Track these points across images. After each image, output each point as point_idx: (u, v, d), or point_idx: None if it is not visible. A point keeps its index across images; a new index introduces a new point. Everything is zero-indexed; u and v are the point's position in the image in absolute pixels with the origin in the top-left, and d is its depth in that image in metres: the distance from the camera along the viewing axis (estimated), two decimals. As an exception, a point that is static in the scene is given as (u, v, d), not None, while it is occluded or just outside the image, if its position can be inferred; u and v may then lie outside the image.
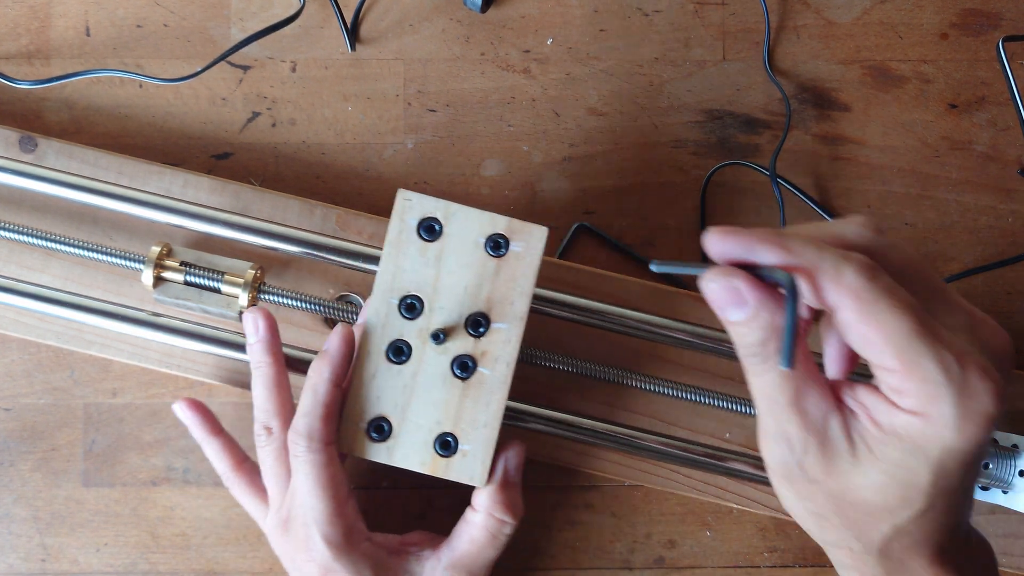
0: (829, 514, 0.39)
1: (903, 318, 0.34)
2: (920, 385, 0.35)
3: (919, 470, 0.36)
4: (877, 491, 0.37)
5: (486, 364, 0.49)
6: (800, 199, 0.62)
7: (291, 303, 0.54)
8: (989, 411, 0.35)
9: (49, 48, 0.61)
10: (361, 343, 0.49)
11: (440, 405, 0.49)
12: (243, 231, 0.54)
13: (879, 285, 0.35)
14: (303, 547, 0.50)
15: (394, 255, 0.49)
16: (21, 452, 0.59)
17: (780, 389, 0.37)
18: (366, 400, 0.49)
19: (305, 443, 0.49)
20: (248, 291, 0.54)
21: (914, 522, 0.37)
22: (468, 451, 0.48)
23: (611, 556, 0.60)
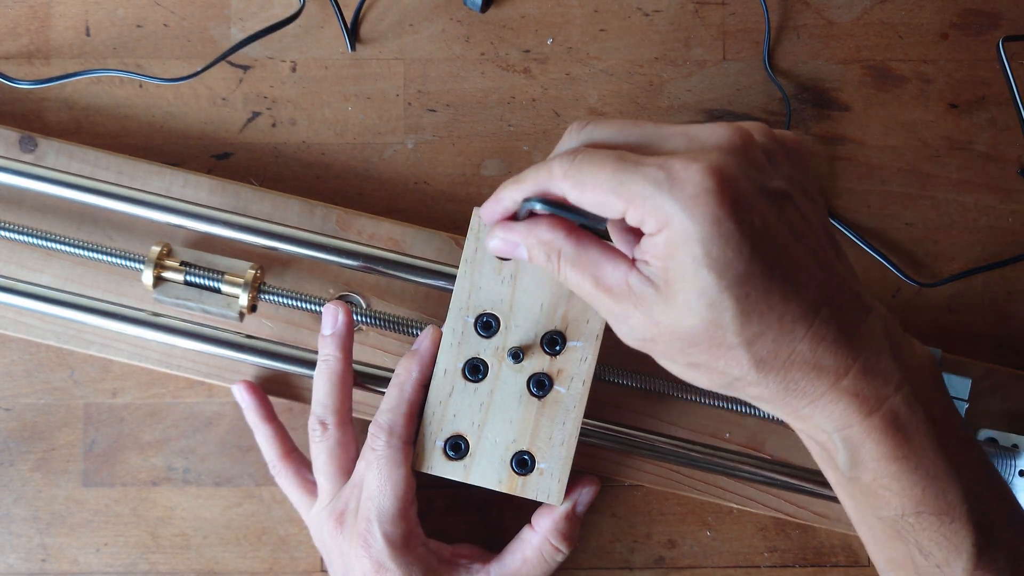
0: (695, 359, 0.39)
1: (603, 165, 0.38)
2: (643, 205, 0.37)
3: (698, 272, 0.37)
4: (692, 312, 0.37)
5: (562, 382, 0.49)
6: (800, 199, 0.62)
7: (291, 303, 0.54)
8: (706, 185, 0.36)
9: (49, 48, 0.61)
10: (438, 361, 0.49)
11: (516, 423, 0.49)
12: (243, 231, 0.54)
13: (580, 157, 0.39)
14: (360, 541, 0.50)
15: (469, 273, 0.49)
16: (21, 452, 0.59)
17: (583, 282, 0.41)
18: (443, 418, 0.49)
19: (385, 438, 0.49)
20: (248, 291, 0.54)
21: (745, 321, 0.37)
22: (544, 469, 0.49)
23: (611, 556, 0.60)
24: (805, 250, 0.38)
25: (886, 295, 0.61)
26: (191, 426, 0.59)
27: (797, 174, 0.40)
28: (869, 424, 0.38)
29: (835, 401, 0.38)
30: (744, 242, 0.36)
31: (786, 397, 0.39)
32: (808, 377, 0.38)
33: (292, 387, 0.58)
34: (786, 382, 0.38)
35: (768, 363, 0.38)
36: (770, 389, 0.39)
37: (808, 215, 0.39)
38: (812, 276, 0.38)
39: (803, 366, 0.38)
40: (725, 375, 0.39)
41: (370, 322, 0.54)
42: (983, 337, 0.61)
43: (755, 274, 0.36)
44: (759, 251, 0.36)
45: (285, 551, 0.59)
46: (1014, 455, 0.55)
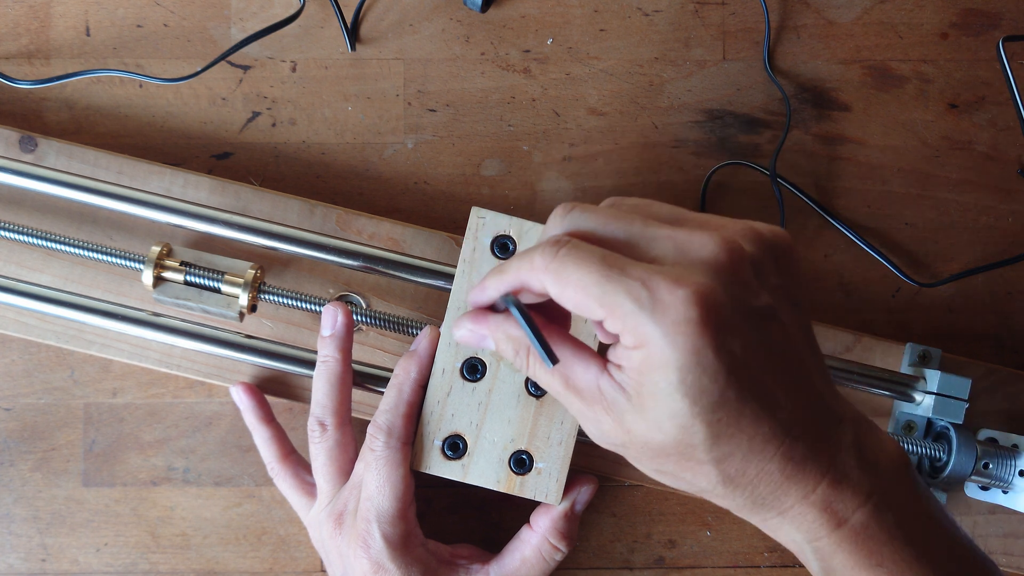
0: (663, 467, 0.39)
1: (589, 268, 0.37)
2: (623, 321, 0.36)
3: (672, 396, 0.36)
4: (662, 430, 0.37)
5: None
6: (800, 199, 0.62)
7: (291, 303, 0.54)
8: (689, 315, 0.35)
9: (49, 48, 0.61)
10: (436, 361, 0.49)
11: (515, 423, 0.49)
12: (243, 231, 0.54)
13: (563, 252, 0.37)
14: (359, 542, 0.50)
15: (468, 272, 0.49)
16: (21, 452, 0.59)
17: (552, 381, 0.40)
18: (441, 418, 0.49)
19: (384, 439, 0.49)
20: (248, 291, 0.53)
21: (715, 444, 0.37)
22: (543, 469, 0.49)
23: (611, 556, 0.60)
24: (782, 370, 0.38)
25: (886, 295, 0.61)
26: (191, 426, 0.59)
27: (785, 282, 0.39)
28: (839, 536, 0.39)
29: (803, 514, 0.39)
30: (721, 371, 0.36)
31: (754, 509, 0.39)
32: (776, 493, 0.38)
33: (291, 387, 0.58)
34: (754, 496, 0.39)
35: (736, 480, 0.38)
36: (737, 502, 0.39)
37: (791, 330, 0.39)
38: (786, 396, 0.38)
39: (771, 483, 0.38)
40: (693, 486, 0.40)
41: (370, 322, 0.54)
42: (983, 337, 0.61)
43: (729, 400, 0.36)
44: (734, 378, 0.36)
45: (285, 551, 0.59)
46: (1014, 455, 0.55)
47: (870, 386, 0.56)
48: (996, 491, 0.56)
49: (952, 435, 0.55)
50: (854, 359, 0.58)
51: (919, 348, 0.57)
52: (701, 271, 0.37)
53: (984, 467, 0.55)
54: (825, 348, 0.58)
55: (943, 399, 0.55)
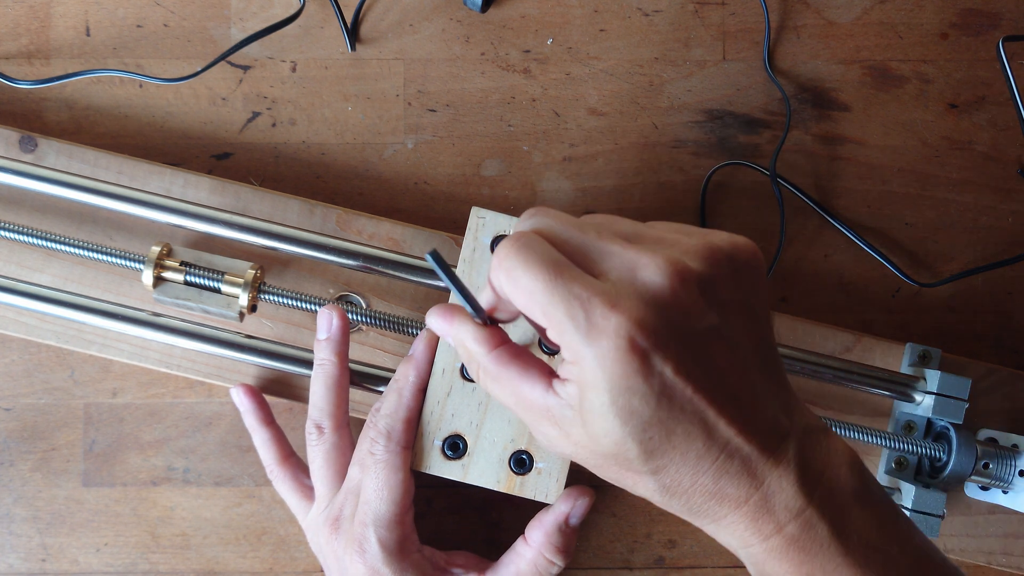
0: (610, 474, 0.41)
1: (537, 274, 0.38)
2: (561, 337, 0.38)
3: (605, 415, 0.38)
4: (598, 441, 0.39)
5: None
6: (800, 199, 0.62)
7: (291, 303, 0.54)
8: (618, 343, 0.37)
9: (49, 48, 0.61)
10: (436, 361, 0.49)
11: (514, 423, 0.49)
12: (243, 231, 0.54)
13: (520, 253, 0.38)
14: (355, 546, 0.50)
15: (468, 272, 0.49)
16: (21, 452, 0.59)
17: (503, 396, 0.42)
18: (441, 418, 0.49)
19: (384, 442, 0.49)
20: (248, 291, 0.53)
21: (648, 458, 0.39)
22: (543, 469, 0.49)
23: (611, 556, 0.60)
24: (720, 389, 0.39)
25: (886, 295, 0.61)
26: (191, 426, 0.59)
27: (741, 296, 0.40)
28: (769, 545, 0.40)
29: (735, 524, 0.40)
30: (650, 394, 0.37)
31: (692, 516, 0.41)
32: (710, 503, 0.40)
33: (292, 387, 0.58)
34: (690, 505, 0.40)
35: (672, 489, 0.40)
36: (675, 509, 0.41)
37: (740, 346, 0.40)
38: (721, 415, 0.39)
39: (705, 494, 0.40)
40: (636, 491, 0.41)
41: (370, 322, 0.54)
42: (983, 337, 0.61)
43: (661, 420, 0.38)
44: (665, 400, 0.38)
45: (285, 551, 0.59)
46: (1014, 455, 0.55)
47: (870, 386, 0.56)
48: (996, 491, 0.56)
49: (952, 435, 0.55)
50: (854, 359, 0.58)
51: (919, 348, 0.57)
52: (638, 295, 0.38)
53: (984, 467, 0.55)
54: (825, 348, 0.58)
55: (943, 399, 0.55)
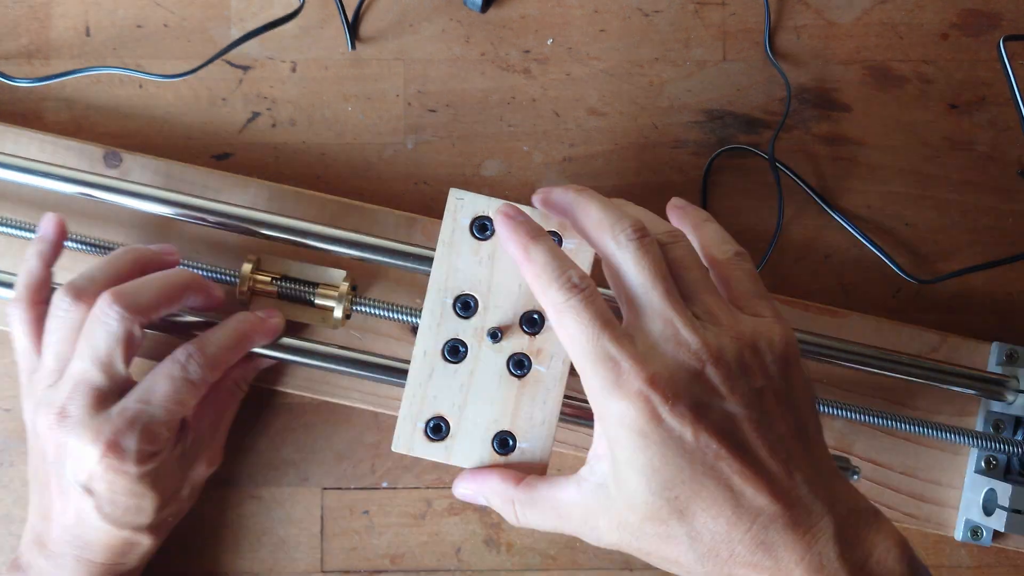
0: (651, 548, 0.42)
1: (583, 331, 0.41)
2: (590, 390, 0.41)
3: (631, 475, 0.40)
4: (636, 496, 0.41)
5: (541, 362, 0.48)
6: (800, 198, 0.62)
7: (383, 314, 0.54)
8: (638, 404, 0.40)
9: (49, 48, 0.61)
10: (417, 343, 0.49)
11: (497, 403, 0.48)
12: (334, 243, 0.54)
13: (572, 301, 0.42)
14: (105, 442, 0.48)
15: (447, 255, 0.49)
16: (21, 453, 0.59)
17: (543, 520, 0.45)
18: (423, 400, 0.48)
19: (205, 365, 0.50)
20: (343, 303, 0.53)
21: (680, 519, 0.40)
22: (526, 449, 0.48)
23: (611, 556, 0.60)
24: (751, 460, 0.40)
25: (886, 295, 0.61)
26: (191, 426, 0.59)
27: (775, 383, 0.42)
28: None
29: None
30: (669, 452, 0.40)
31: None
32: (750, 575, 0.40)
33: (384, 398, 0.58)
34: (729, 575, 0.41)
35: (710, 559, 0.40)
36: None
37: (772, 424, 0.41)
38: (751, 486, 0.40)
39: (744, 564, 0.40)
40: (677, 567, 0.42)
41: None
42: (984, 338, 0.61)
43: (684, 480, 0.40)
44: (686, 461, 0.40)
45: (285, 551, 0.59)
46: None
47: (962, 386, 0.57)
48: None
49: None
50: (940, 359, 0.58)
51: (1006, 347, 0.58)
52: (666, 364, 0.41)
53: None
54: (911, 349, 0.59)
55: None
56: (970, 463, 0.59)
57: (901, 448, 0.59)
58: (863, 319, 0.59)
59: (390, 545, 0.60)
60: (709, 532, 0.40)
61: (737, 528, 0.40)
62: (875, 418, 0.55)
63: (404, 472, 0.60)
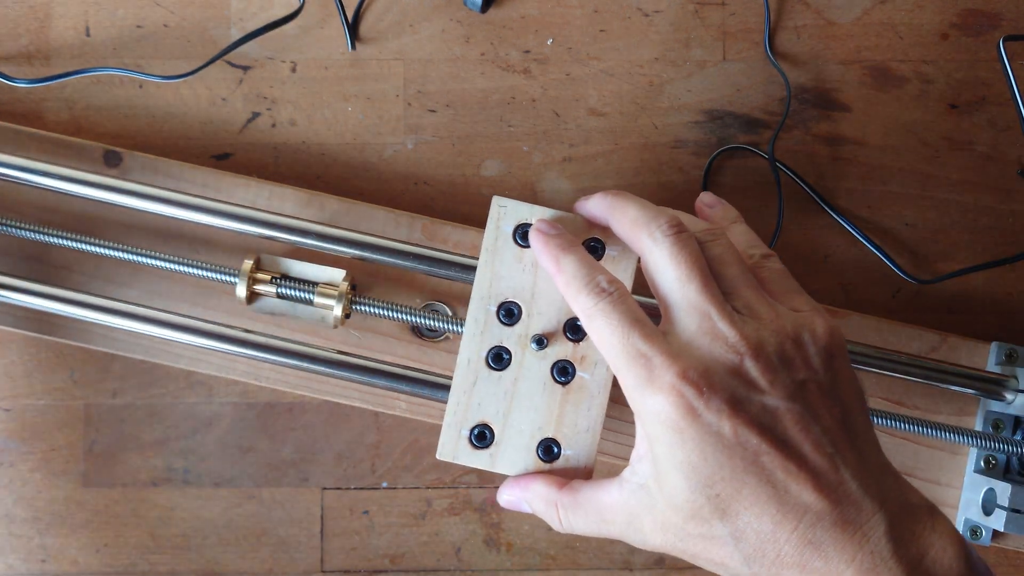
0: (697, 550, 0.41)
1: (614, 333, 0.41)
2: (626, 390, 0.41)
3: (671, 473, 0.40)
4: (678, 496, 0.40)
5: (585, 368, 0.48)
6: (800, 198, 0.62)
7: (383, 313, 0.54)
8: (671, 398, 0.39)
9: (49, 48, 0.61)
10: (461, 350, 0.49)
11: (541, 411, 0.48)
12: (334, 242, 0.54)
13: (601, 305, 0.42)
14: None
15: (491, 262, 0.49)
16: (21, 452, 0.59)
17: (587, 524, 0.44)
18: (468, 408, 0.48)
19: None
20: (342, 302, 0.53)
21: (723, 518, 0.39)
22: (571, 456, 0.48)
23: (611, 556, 0.60)
24: (793, 457, 0.39)
25: (886, 295, 0.61)
26: (191, 426, 0.59)
27: (819, 376, 0.41)
28: None
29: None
30: (707, 448, 0.39)
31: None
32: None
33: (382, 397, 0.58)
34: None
35: (756, 560, 0.39)
36: None
37: (816, 416, 0.40)
38: (795, 482, 0.39)
39: (792, 568, 0.39)
40: (726, 568, 0.41)
41: (456, 330, 0.53)
42: (983, 338, 0.61)
43: (724, 478, 0.39)
44: (726, 456, 0.39)
45: (285, 551, 0.59)
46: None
47: (961, 386, 0.57)
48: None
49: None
50: (940, 359, 0.58)
51: (1006, 347, 0.58)
52: (700, 358, 0.40)
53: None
54: (911, 348, 0.59)
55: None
56: (969, 463, 0.59)
57: (900, 448, 0.59)
58: (863, 319, 0.59)
59: (390, 545, 0.60)
60: (754, 531, 0.39)
61: (783, 527, 0.38)
62: (874, 417, 0.55)
63: (404, 472, 0.60)
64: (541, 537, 0.60)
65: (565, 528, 0.45)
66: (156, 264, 0.54)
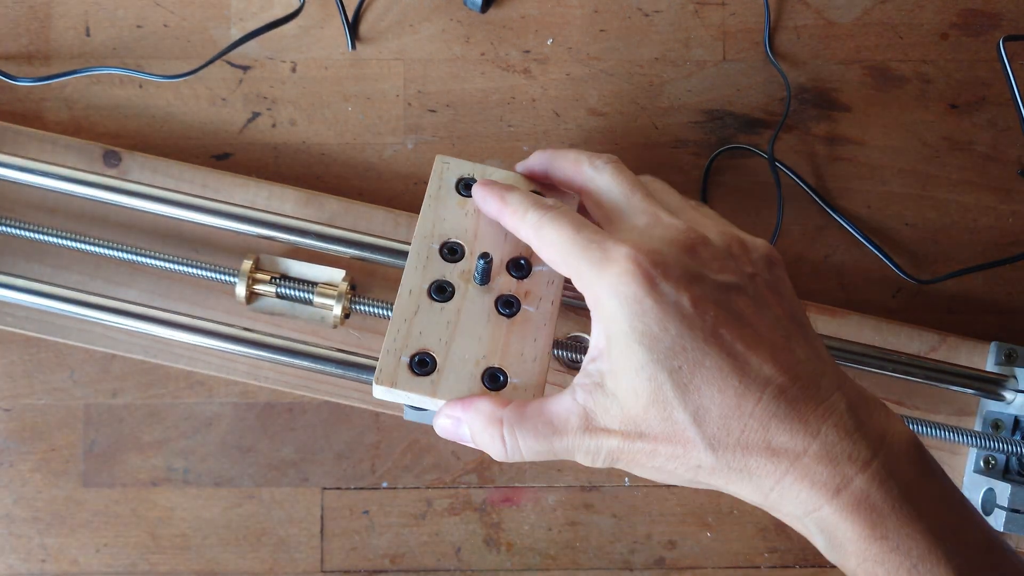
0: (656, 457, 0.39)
1: (564, 232, 0.42)
2: (580, 281, 0.41)
3: (630, 348, 0.38)
4: (637, 394, 0.39)
5: (530, 303, 0.48)
6: (800, 197, 0.62)
7: (382, 313, 0.54)
8: (627, 266, 0.39)
9: (49, 49, 0.61)
10: (403, 283, 0.48)
11: (485, 340, 0.47)
12: (333, 242, 0.54)
13: (550, 215, 0.43)
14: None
15: (434, 206, 0.50)
16: (21, 452, 0.59)
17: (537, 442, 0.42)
18: (408, 335, 0.47)
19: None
20: (341, 302, 0.53)
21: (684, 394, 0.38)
22: (518, 384, 0.47)
23: (611, 556, 0.60)
24: (750, 332, 0.39)
25: (886, 295, 0.61)
26: (191, 426, 0.59)
27: (768, 276, 0.42)
28: (837, 504, 0.37)
29: (799, 481, 0.38)
30: (667, 318, 0.38)
31: (750, 481, 0.38)
32: (765, 459, 0.38)
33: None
34: (744, 463, 0.38)
35: (721, 442, 0.38)
36: (732, 474, 0.39)
37: (766, 304, 0.41)
38: (755, 355, 0.38)
39: (757, 447, 0.38)
40: (686, 464, 0.39)
41: None
42: (983, 338, 0.61)
43: (685, 348, 0.38)
44: (685, 327, 0.38)
45: (285, 551, 0.59)
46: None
47: (961, 386, 0.57)
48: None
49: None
50: (940, 359, 0.58)
51: (1005, 347, 0.58)
52: (652, 238, 0.41)
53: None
54: (911, 348, 0.59)
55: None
56: (969, 463, 0.59)
57: (901, 448, 0.59)
58: (863, 319, 0.59)
59: (390, 545, 0.60)
60: (716, 407, 0.38)
61: (747, 400, 0.38)
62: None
63: (404, 472, 0.60)
64: (541, 537, 0.60)
65: (510, 452, 0.42)
66: (156, 264, 0.54)
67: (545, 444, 0.41)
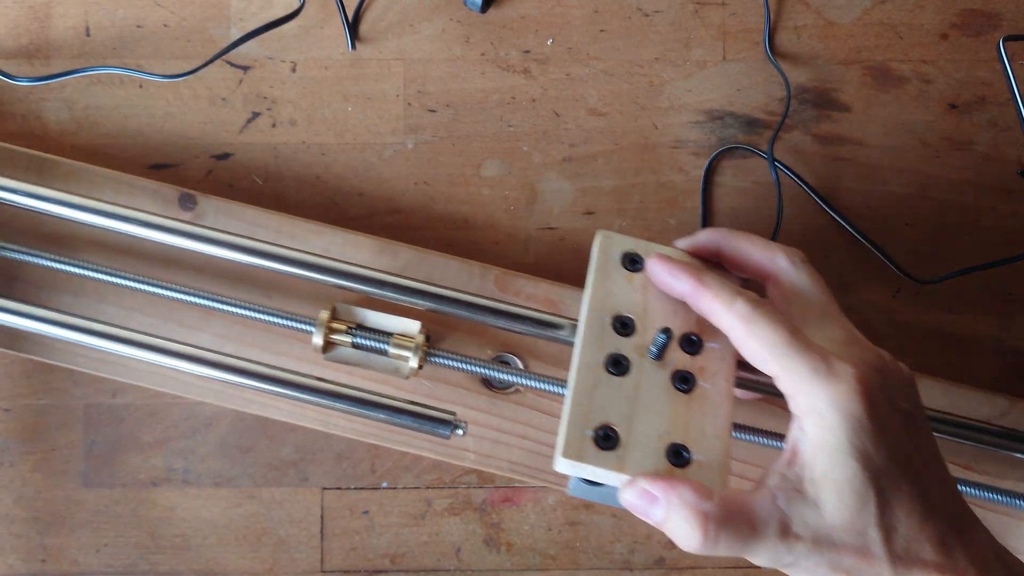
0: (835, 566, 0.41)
1: (779, 331, 0.43)
2: (798, 384, 0.42)
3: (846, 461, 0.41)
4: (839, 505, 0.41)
5: (706, 379, 0.47)
6: (800, 198, 0.62)
7: (456, 365, 0.53)
8: (854, 386, 0.41)
9: (49, 48, 0.61)
10: (579, 356, 0.47)
11: (666, 416, 0.46)
12: (407, 293, 0.53)
13: (762, 311, 0.43)
14: None
15: (602, 280, 0.49)
16: (21, 453, 0.59)
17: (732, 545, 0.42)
18: (589, 409, 0.46)
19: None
20: (418, 354, 0.52)
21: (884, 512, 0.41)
22: (703, 461, 0.46)
23: (611, 556, 0.60)
24: (926, 465, 0.42)
25: (886, 295, 0.61)
26: (191, 426, 0.59)
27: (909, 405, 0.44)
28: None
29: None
30: (880, 442, 0.41)
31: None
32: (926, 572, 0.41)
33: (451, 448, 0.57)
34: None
35: (902, 560, 0.41)
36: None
37: (925, 436, 0.44)
38: (931, 483, 0.42)
39: (928, 566, 0.41)
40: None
41: (527, 384, 0.53)
42: (983, 338, 0.61)
43: (891, 472, 0.41)
44: (893, 451, 0.41)
45: (285, 551, 0.59)
46: None
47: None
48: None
49: None
50: (1009, 424, 0.57)
51: None
52: (862, 363, 0.42)
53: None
54: (979, 413, 0.58)
55: None
56: None
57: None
58: (933, 383, 0.58)
59: (390, 545, 0.60)
60: (903, 527, 0.41)
61: (926, 526, 0.41)
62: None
63: (404, 472, 0.60)
64: (541, 537, 0.60)
65: (707, 547, 0.42)
66: (234, 312, 0.54)
67: (741, 545, 0.42)
